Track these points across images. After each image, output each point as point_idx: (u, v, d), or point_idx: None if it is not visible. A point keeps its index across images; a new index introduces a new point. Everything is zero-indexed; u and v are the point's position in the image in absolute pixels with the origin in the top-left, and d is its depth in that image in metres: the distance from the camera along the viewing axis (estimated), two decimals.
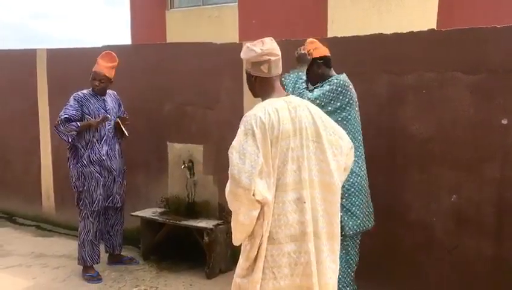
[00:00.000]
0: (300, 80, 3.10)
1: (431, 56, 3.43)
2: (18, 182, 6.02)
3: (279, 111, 2.17)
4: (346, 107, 3.02)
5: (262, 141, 2.10)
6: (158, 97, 4.77)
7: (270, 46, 2.28)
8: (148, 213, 4.57)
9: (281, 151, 2.15)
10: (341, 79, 3.04)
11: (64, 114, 4.00)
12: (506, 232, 3.26)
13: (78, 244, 4.17)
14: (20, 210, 6.01)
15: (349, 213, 2.98)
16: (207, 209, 4.49)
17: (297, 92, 3.01)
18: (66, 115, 3.98)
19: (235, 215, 2.14)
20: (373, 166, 3.20)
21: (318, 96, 2.98)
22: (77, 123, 3.99)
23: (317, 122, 2.26)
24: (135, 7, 11.70)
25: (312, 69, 3.16)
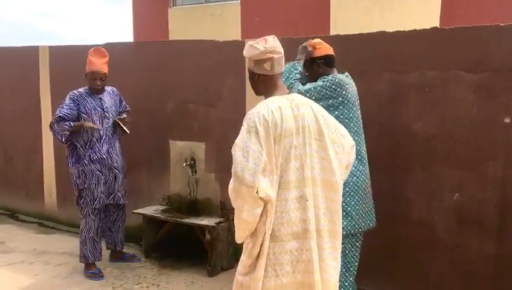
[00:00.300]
0: (295, 71, 3.04)
1: (433, 54, 3.42)
2: (20, 179, 6.04)
3: (282, 109, 2.17)
4: (339, 106, 2.94)
5: (265, 139, 2.10)
6: (160, 95, 4.77)
7: (273, 44, 2.28)
8: (150, 211, 4.58)
9: (284, 149, 2.15)
10: (337, 77, 2.98)
11: (59, 113, 4.00)
12: (508, 231, 3.25)
13: (80, 241, 4.18)
14: (22, 207, 6.02)
15: (343, 213, 2.87)
16: (209, 207, 4.50)
17: (288, 83, 2.94)
18: (61, 114, 3.99)
19: (238, 212, 2.14)
20: (375, 165, 3.19)
21: (308, 89, 2.92)
22: (70, 123, 3.99)
23: (319, 120, 2.26)
24: (137, 5, 11.70)
25: (312, 68, 3.11)
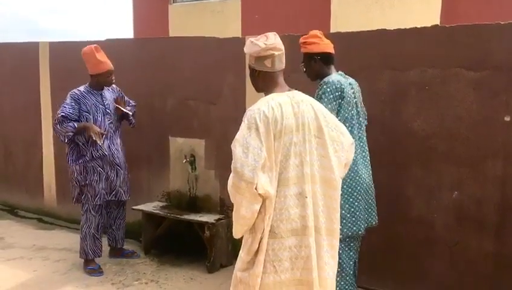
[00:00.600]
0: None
1: (434, 52, 3.41)
2: (20, 175, 6.04)
3: (282, 106, 2.17)
4: (333, 111, 2.85)
5: (265, 135, 2.11)
6: (160, 91, 4.77)
7: (274, 40, 2.28)
8: (149, 207, 4.58)
9: (284, 145, 2.15)
10: (333, 84, 2.88)
11: (61, 112, 3.98)
12: (507, 229, 3.26)
13: (80, 237, 4.18)
14: (21, 203, 6.03)
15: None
16: (208, 203, 4.50)
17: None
18: (63, 114, 3.97)
19: (237, 208, 2.15)
20: (375, 162, 3.19)
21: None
22: (74, 124, 3.96)
23: (319, 117, 2.26)
24: (138, 1, 11.66)
25: (310, 64, 3.10)
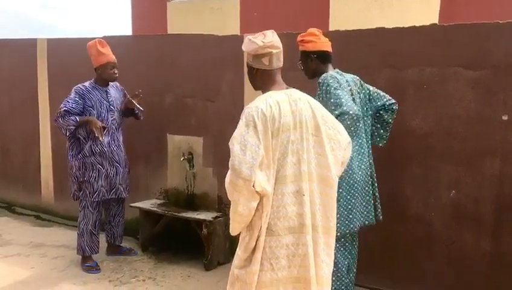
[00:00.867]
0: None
1: (432, 51, 3.42)
2: (17, 172, 6.03)
3: (280, 104, 2.17)
4: (346, 91, 2.86)
5: (263, 133, 2.11)
6: (158, 89, 4.76)
7: (272, 38, 2.28)
8: (147, 204, 4.58)
9: (281, 143, 2.15)
10: (328, 81, 2.85)
11: (64, 106, 3.98)
12: (504, 228, 3.27)
13: (78, 234, 4.18)
14: (19, 200, 6.02)
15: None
16: (206, 201, 4.50)
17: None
18: (66, 108, 3.97)
19: (234, 205, 2.15)
20: (373, 160, 3.20)
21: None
22: (76, 118, 3.97)
23: (317, 116, 2.26)
24: None
25: (307, 62, 3.10)
